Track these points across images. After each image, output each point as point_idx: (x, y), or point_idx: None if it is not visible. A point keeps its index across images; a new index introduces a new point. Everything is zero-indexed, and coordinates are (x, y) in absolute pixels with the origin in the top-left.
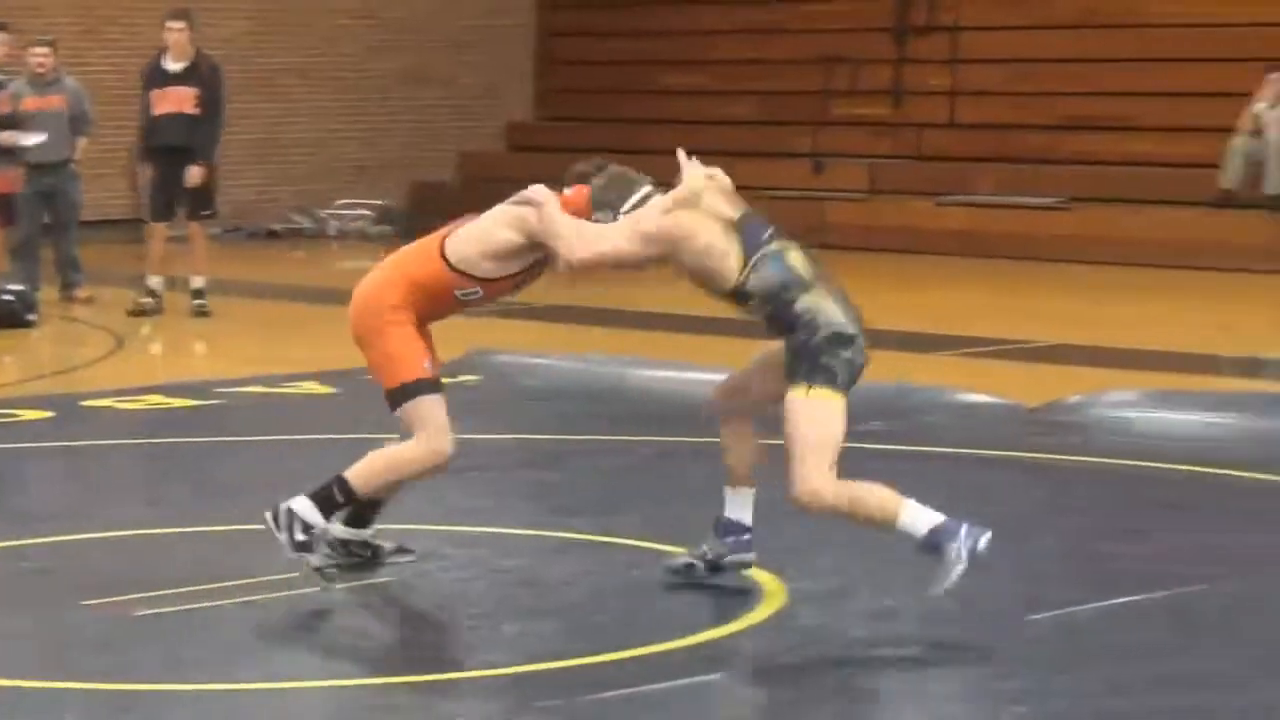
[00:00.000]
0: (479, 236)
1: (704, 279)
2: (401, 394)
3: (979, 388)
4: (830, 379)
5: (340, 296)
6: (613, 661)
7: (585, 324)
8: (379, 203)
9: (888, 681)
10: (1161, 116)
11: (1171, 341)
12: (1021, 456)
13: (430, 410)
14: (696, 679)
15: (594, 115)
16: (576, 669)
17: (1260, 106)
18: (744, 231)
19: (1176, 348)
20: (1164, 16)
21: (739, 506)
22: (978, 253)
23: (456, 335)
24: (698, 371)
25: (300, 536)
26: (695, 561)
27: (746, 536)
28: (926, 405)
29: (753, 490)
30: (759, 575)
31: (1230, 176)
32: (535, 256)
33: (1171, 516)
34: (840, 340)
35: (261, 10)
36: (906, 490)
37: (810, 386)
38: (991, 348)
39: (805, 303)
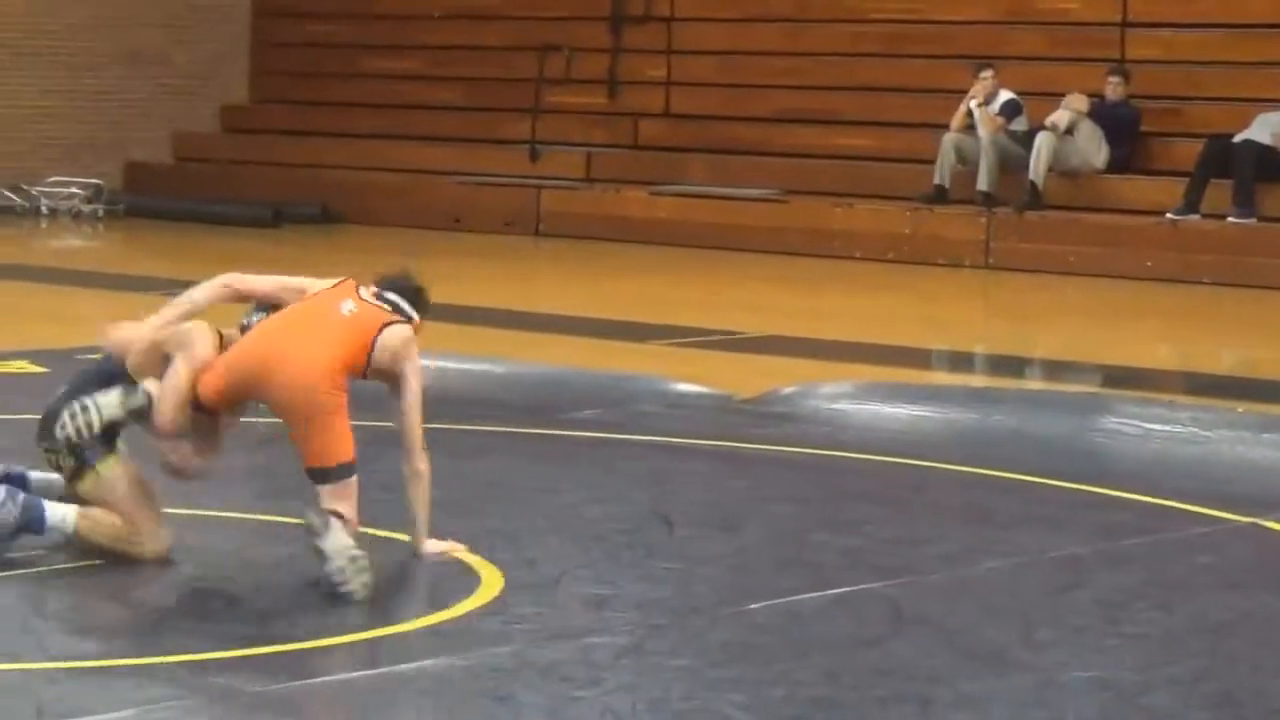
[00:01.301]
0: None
1: None
2: (343, 470)
3: (691, 378)
4: None
5: (52, 276)
6: (328, 647)
7: None
8: (91, 181)
9: (603, 671)
10: (873, 111)
11: (882, 335)
12: (733, 446)
13: (355, 487)
14: (415, 664)
15: (308, 99)
16: (289, 654)
17: (973, 103)
18: None
19: (887, 341)
20: (876, 12)
21: None
22: (691, 243)
23: None
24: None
25: None
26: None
27: None
28: (639, 394)
29: None
30: (474, 561)
31: (942, 172)
32: None
33: (881, 509)
34: None
35: None
36: (617, 478)
37: None
38: (703, 338)
39: None
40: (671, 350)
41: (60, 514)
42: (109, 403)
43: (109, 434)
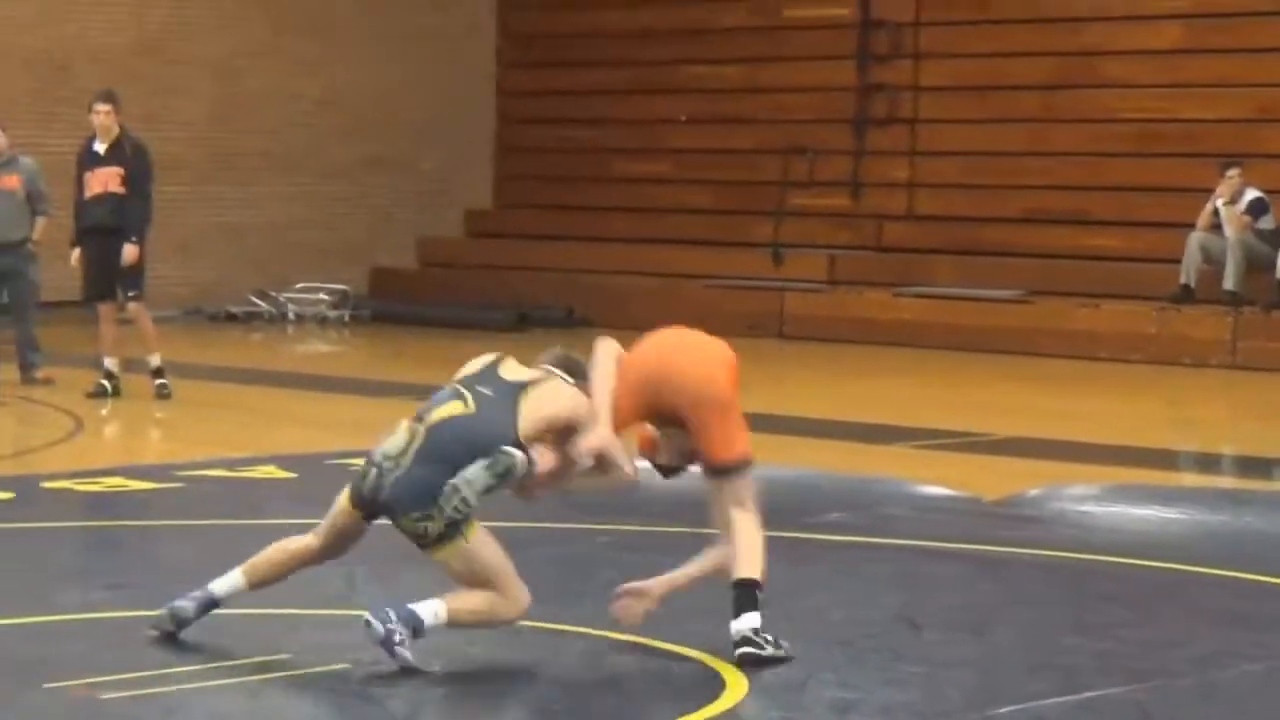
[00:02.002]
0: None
1: None
2: (745, 464)
3: (937, 480)
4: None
5: (298, 381)
6: None
7: None
8: (337, 287)
9: None
10: (1119, 210)
11: (1129, 436)
12: (980, 549)
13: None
14: None
15: (552, 202)
16: None
17: (1219, 202)
18: None
19: (1134, 442)
20: (1121, 112)
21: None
22: (935, 344)
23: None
24: None
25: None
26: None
27: None
28: (885, 497)
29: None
30: (718, 664)
31: (1189, 272)
32: None
33: (1130, 611)
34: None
35: (226, 94)
36: (862, 580)
37: None
38: (950, 440)
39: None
40: (917, 453)
41: (431, 610)
42: (477, 478)
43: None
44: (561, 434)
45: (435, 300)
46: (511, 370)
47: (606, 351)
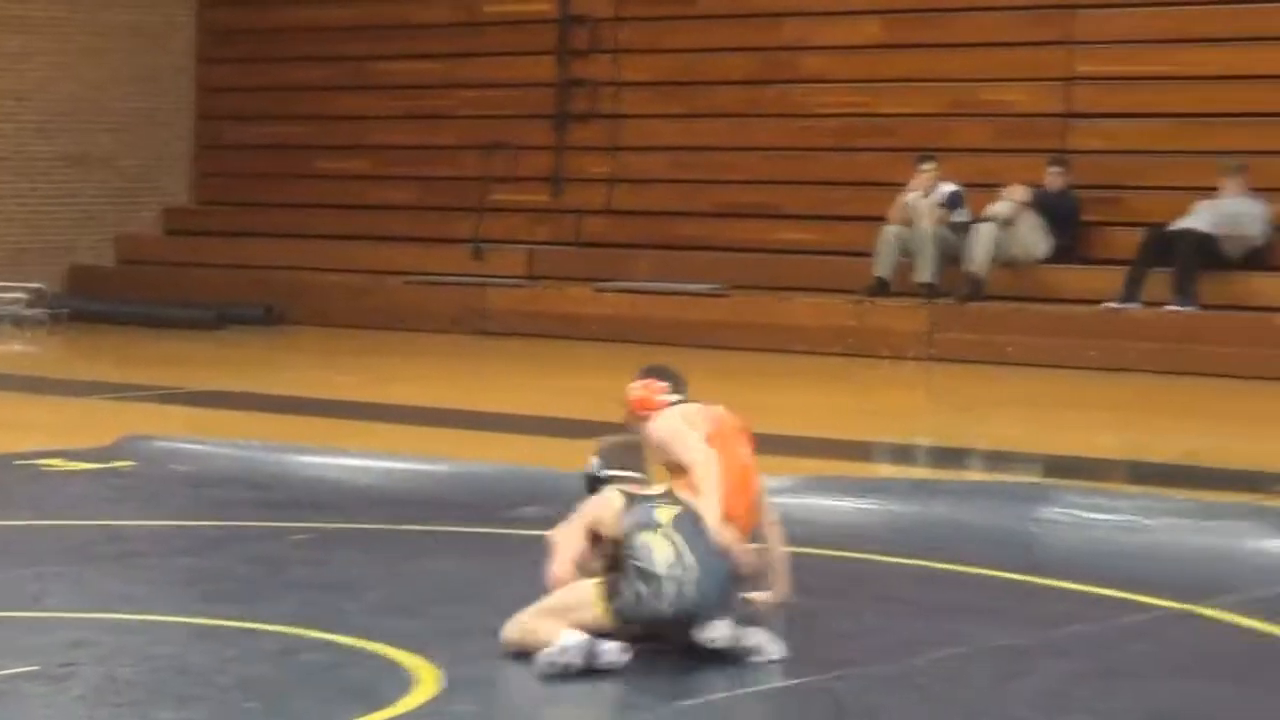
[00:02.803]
0: None
1: None
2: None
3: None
4: (612, 590)
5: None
6: None
7: (242, 409)
8: (34, 285)
9: None
10: (818, 205)
11: (825, 428)
12: None
13: None
14: None
15: (253, 200)
16: None
17: (912, 196)
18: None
19: (829, 434)
20: (820, 107)
21: None
22: (635, 338)
23: (110, 420)
24: (353, 458)
25: None
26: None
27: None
28: (583, 491)
29: None
30: (412, 660)
31: (884, 265)
32: None
33: (823, 601)
34: (643, 575)
35: None
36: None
37: (597, 582)
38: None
39: (643, 539)
40: None
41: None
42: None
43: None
44: None
45: (134, 299)
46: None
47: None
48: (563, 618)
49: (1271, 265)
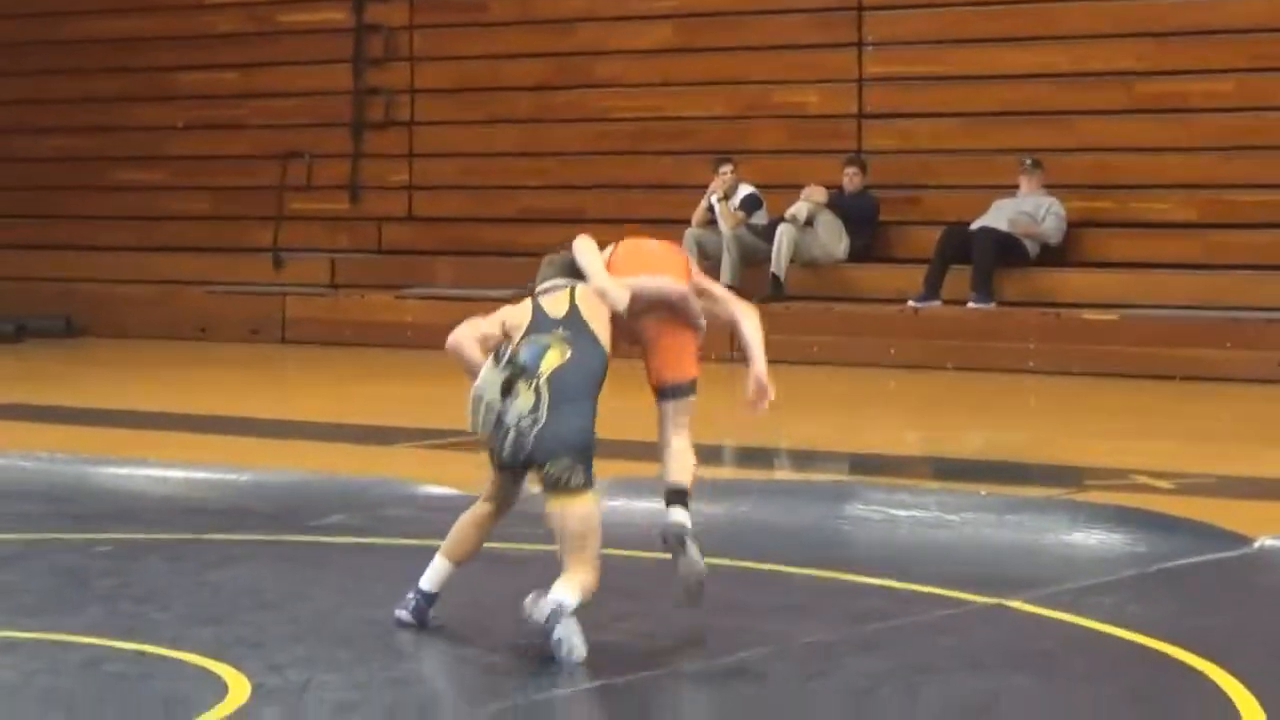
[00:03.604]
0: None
1: None
2: (692, 387)
3: (438, 479)
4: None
5: None
6: None
7: (41, 421)
8: None
9: None
10: (615, 208)
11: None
12: (487, 547)
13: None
14: None
15: (49, 212)
16: None
17: (713, 198)
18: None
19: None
20: (615, 111)
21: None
22: (438, 345)
23: None
24: (155, 468)
25: None
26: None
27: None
28: (387, 498)
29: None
30: (220, 669)
31: None
32: None
33: (629, 602)
34: (500, 422)
35: None
36: (366, 582)
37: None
38: (450, 440)
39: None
40: (418, 453)
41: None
42: (486, 381)
43: (510, 389)
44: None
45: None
46: (557, 304)
47: (588, 244)
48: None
49: (1068, 261)
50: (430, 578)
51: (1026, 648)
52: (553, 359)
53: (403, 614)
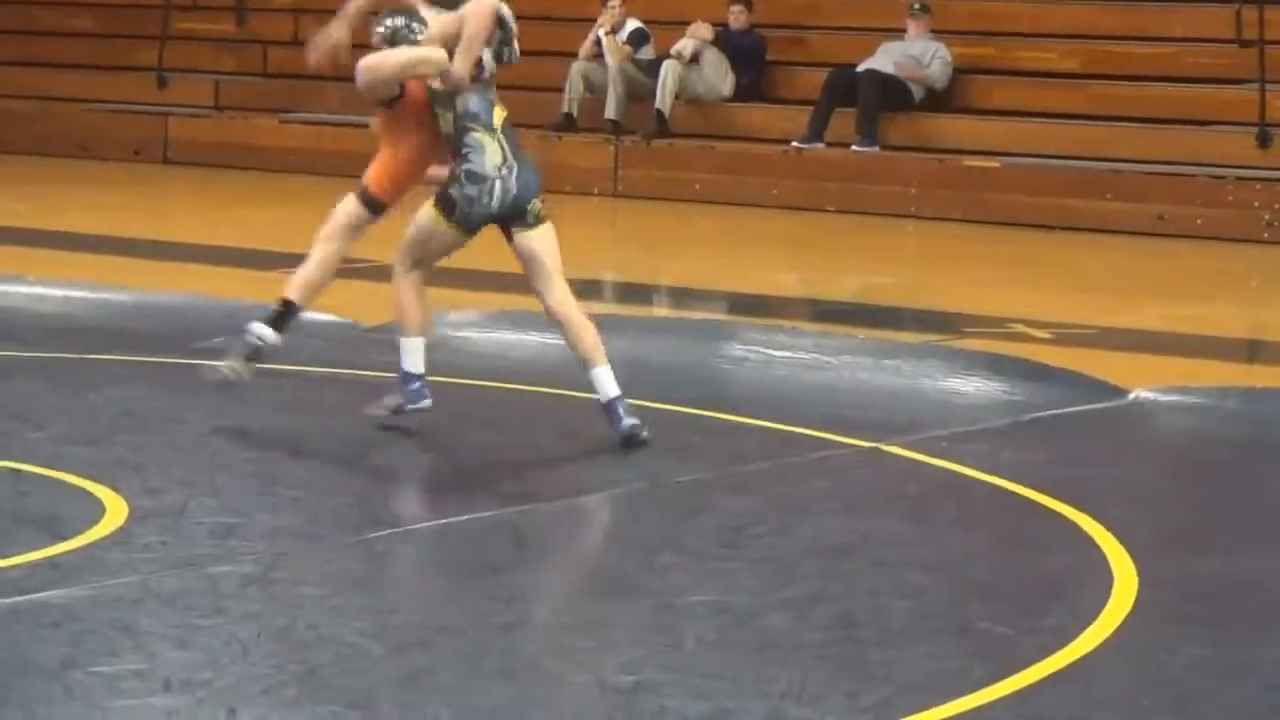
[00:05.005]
0: None
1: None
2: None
3: (319, 306)
4: (447, 206)
5: None
6: None
7: None
8: None
9: (227, 599)
10: None
11: (494, 263)
12: (357, 374)
13: None
14: (33, 596)
15: None
16: None
17: (601, 32)
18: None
19: (513, 269)
20: None
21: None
22: (321, 171)
23: None
24: (32, 285)
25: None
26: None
27: (418, 384)
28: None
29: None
30: (98, 490)
31: (571, 101)
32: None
33: (504, 435)
34: (472, 177)
35: None
36: (246, 406)
37: (433, 203)
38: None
39: (475, 137)
40: None
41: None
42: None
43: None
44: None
45: None
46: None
47: None
48: (424, 248)
49: (953, 107)
50: (411, 360)
51: (899, 491)
52: (499, 112)
53: (410, 406)
